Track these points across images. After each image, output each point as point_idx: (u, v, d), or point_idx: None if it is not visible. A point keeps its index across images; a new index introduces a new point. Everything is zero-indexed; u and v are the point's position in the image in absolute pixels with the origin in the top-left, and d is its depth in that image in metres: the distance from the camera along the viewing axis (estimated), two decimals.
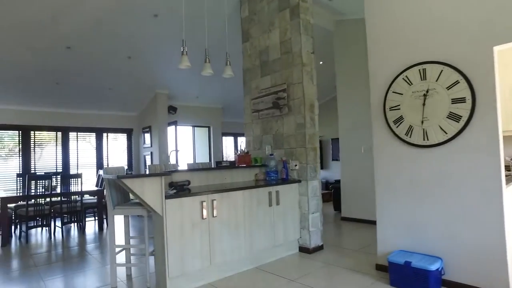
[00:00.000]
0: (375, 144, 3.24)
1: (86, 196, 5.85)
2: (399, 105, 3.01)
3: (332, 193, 6.71)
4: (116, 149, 7.86)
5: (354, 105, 5.54)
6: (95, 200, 5.83)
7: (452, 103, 2.65)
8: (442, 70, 2.71)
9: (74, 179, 5.47)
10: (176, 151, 6.93)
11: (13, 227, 5.54)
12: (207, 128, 8.49)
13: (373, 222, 5.15)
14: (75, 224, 6.06)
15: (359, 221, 5.43)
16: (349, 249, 3.97)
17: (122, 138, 7.94)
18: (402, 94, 2.98)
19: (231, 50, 4.15)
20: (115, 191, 3.12)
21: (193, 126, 8.37)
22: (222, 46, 4.68)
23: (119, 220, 6.46)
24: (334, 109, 6.96)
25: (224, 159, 8.86)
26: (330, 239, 4.45)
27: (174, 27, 4.81)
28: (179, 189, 3.18)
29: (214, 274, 3.10)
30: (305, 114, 3.86)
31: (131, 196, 3.46)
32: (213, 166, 4.05)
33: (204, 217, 2.97)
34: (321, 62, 6.68)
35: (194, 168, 3.60)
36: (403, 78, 2.97)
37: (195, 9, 4.47)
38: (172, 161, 6.89)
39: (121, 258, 3.83)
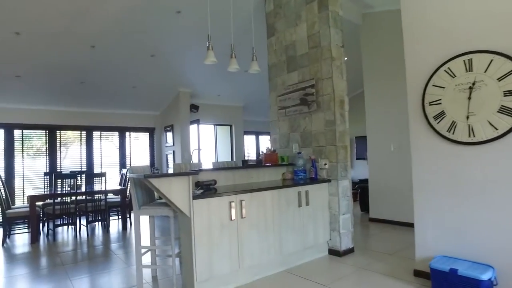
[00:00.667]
0: (413, 142, 3.03)
1: (110, 195, 5.86)
2: (440, 99, 2.79)
3: (358, 193, 6.48)
4: (138, 148, 7.89)
5: (382, 101, 5.29)
6: (119, 199, 5.84)
7: (505, 96, 2.42)
8: (492, 60, 2.48)
9: (98, 178, 5.50)
10: (199, 150, 6.87)
11: (41, 224, 5.62)
12: (229, 127, 8.40)
13: (405, 224, 4.94)
14: (99, 222, 6.09)
15: (389, 222, 5.19)
16: (381, 253, 3.77)
17: (144, 137, 7.96)
18: (443, 87, 2.76)
19: (255, 45, 4.01)
20: (140, 191, 3.05)
21: (215, 125, 8.29)
22: (245, 42, 4.56)
23: (143, 220, 6.48)
24: (359, 106, 6.73)
25: (246, 158, 8.75)
26: (360, 242, 4.25)
27: (197, 23, 4.72)
28: (205, 188, 3.08)
29: (243, 277, 2.98)
30: (335, 110, 3.68)
31: (156, 196, 3.39)
32: (239, 165, 3.93)
33: (233, 218, 2.85)
34: (345, 58, 6.44)
35: (220, 167, 3.49)
36: (445, 70, 2.75)
37: (218, 3, 4.35)
38: (194, 160, 6.83)
39: (146, 258, 3.77)
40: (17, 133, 6.47)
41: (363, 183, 6.75)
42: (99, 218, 5.70)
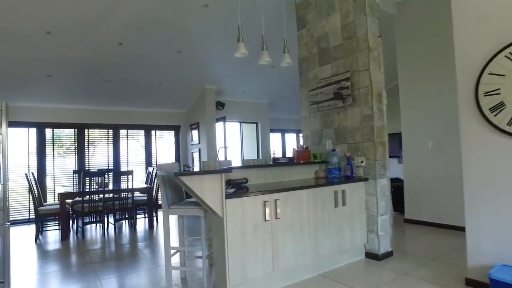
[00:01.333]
0: (463, 137, 2.75)
1: (136, 194, 5.84)
2: (498, 88, 2.50)
3: (391, 192, 6.14)
4: (164, 147, 7.88)
5: (420, 95, 4.97)
6: (145, 198, 5.81)
7: None
8: None
9: (125, 176, 5.48)
10: (225, 148, 6.75)
11: (70, 221, 5.67)
12: (255, 124, 8.24)
13: (445, 226, 4.61)
14: (126, 221, 6.10)
15: (426, 224, 4.87)
16: (423, 257, 3.49)
17: (169, 135, 7.94)
18: (503, 75, 2.47)
19: (282, 40, 3.80)
20: (169, 189, 2.94)
21: (240, 122, 8.16)
22: (273, 36, 4.37)
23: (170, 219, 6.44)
24: (390, 102, 6.38)
25: (275, 156, 8.57)
26: (398, 245, 3.98)
27: (224, 16, 4.59)
28: (237, 187, 2.92)
29: (277, 282, 2.80)
30: (372, 104, 3.44)
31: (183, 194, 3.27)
32: (269, 163, 3.76)
33: (267, 218, 2.68)
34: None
35: (251, 165, 3.33)
36: (505, 56, 2.46)
37: None
38: (221, 158, 6.72)
39: (174, 259, 3.67)
40: (48, 132, 6.59)
41: (394, 182, 6.40)
42: (126, 216, 5.70)
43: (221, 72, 6.47)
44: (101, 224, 5.44)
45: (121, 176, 5.44)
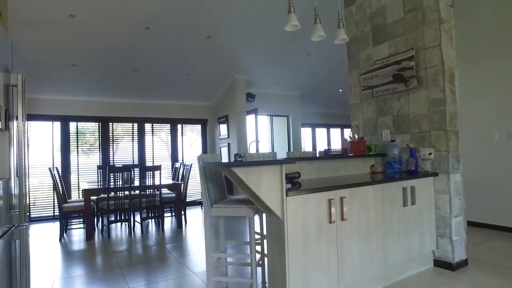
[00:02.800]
0: None
1: (163, 191, 5.47)
2: None
3: None
4: (190, 141, 7.51)
5: (482, 81, 4.37)
6: (173, 195, 5.45)
7: None
8: None
9: (152, 172, 5.10)
10: (257, 142, 6.31)
11: (95, 219, 5.37)
12: (286, 118, 7.75)
13: None
14: (153, 220, 5.75)
15: (489, 226, 4.28)
16: (505, 268, 2.94)
17: (196, 129, 7.55)
18: None
19: (325, 20, 3.28)
20: (211, 185, 2.51)
21: (271, 116, 7.68)
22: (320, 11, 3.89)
23: (195, 216, 6.06)
24: None
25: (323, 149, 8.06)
26: (470, 251, 3.43)
27: None
28: (290, 182, 2.48)
29: None
30: (444, 86, 2.91)
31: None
32: (321, 156, 3.29)
33: (333, 220, 2.22)
34: None
35: (303, 158, 2.87)
36: None
37: None
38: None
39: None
40: (72, 126, 6.34)
41: None
42: (153, 215, 5.35)
43: (252, 61, 6.03)
44: (127, 223, 5.11)
45: (148, 172, 5.07)
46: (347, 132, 9.84)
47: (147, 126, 7.00)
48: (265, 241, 2.75)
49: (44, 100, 5.98)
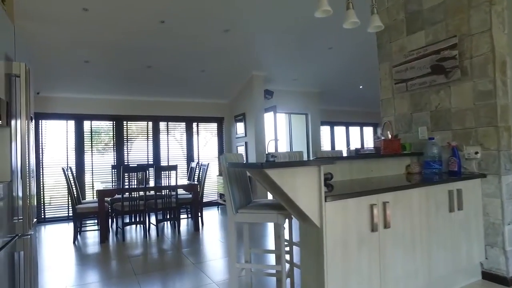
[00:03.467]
0: None
1: (179, 191, 5.26)
2: None
3: None
4: (206, 140, 7.29)
5: None
6: (190, 196, 5.24)
7: None
8: None
9: (167, 172, 4.89)
10: (276, 140, 6.05)
11: (109, 221, 5.21)
12: (304, 116, 7.45)
13: None
14: (169, 222, 5.55)
15: None
16: None
17: (212, 127, 7.32)
18: None
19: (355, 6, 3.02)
20: (237, 188, 2.27)
21: (289, 113, 7.40)
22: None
23: (210, 218, 5.83)
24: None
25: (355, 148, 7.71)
26: None
27: None
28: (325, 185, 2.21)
29: None
30: (495, 76, 2.60)
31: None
32: (353, 155, 3.02)
33: (375, 228, 1.94)
34: None
35: (335, 157, 2.60)
36: None
37: None
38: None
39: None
40: (86, 125, 6.21)
41: None
42: (169, 217, 5.15)
43: (271, 56, 5.76)
44: (142, 225, 4.92)
45: (164, 172, 4.86)
46: (367, 131, 9.48)
47: (162, 125, 6.82)
48: (294, 248, 2.50)
49: (58, 98, 5.86)
